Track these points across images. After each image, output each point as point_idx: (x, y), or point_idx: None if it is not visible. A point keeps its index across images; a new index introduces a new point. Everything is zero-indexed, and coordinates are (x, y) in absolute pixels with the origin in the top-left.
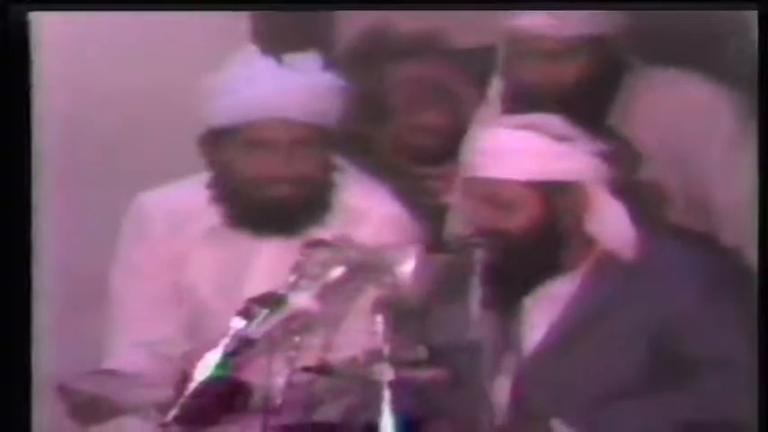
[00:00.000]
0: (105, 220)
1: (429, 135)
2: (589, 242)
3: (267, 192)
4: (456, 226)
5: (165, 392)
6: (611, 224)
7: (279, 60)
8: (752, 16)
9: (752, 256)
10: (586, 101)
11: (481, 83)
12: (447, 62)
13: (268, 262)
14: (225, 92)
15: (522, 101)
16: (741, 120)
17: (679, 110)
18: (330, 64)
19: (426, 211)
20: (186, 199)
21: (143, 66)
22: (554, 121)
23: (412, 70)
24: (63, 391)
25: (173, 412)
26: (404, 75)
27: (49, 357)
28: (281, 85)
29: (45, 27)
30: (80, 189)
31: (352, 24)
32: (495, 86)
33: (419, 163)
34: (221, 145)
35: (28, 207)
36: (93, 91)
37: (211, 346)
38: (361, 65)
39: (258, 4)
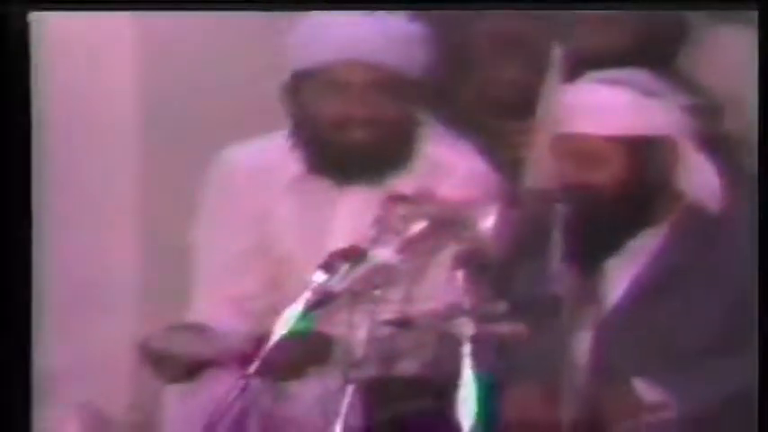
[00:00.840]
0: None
1: (511, 89)
2: (676, 196)
3: (344, 135)
4: (536, 180)
5: (248, 347)
6: (699, 177)
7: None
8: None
9: None
10: (648, 62)
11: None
12: (529, 18)
13: (350, 214)
14: (305, 37)
15: (583, 64)
16: None
17: (739, 65)
18: (416, 15)
19: (508, 165)
20: (269, 153)
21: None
22: (641, 76)
23: (496, 24)
24: (145, 349)
25: (254, 366)
26: (488, 28)
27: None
28: (359, 30)
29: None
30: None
31: None
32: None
33: (500, 117)
34: (300, 90)
35: (28, 207)
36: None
37: (294, 299)
38: (446, 17)
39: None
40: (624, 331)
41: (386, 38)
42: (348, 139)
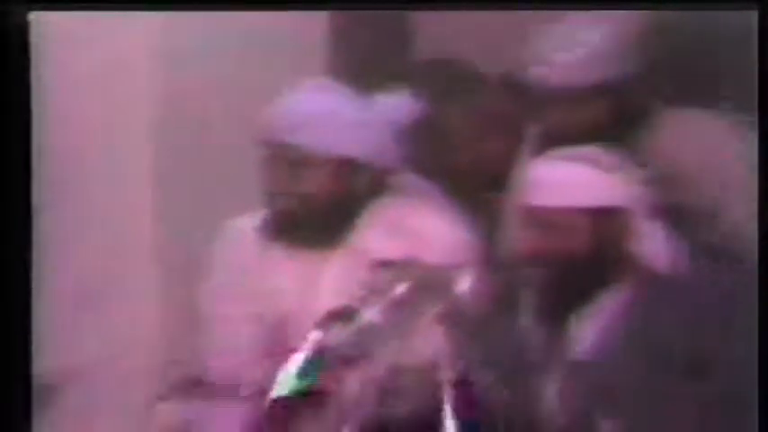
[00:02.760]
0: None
1: (490, 163)
2: (631, 260)
3: (311, 207)
4: (509, 247)
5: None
6: (651, 245)
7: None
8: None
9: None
10: (608, 141)
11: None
12: (509, 97)
13: (335, 277)
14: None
15: (553, 140)
16: (742, 149)
17: (698, 150)
18: (415, 98)
19: (486, 232)
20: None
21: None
22: (599, 153)
23: (480, 103)
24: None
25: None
26: (473, 107)
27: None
28: (337, 112)
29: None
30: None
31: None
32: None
33: (481, 189)
34: (271, 167)
35: (28, 207)
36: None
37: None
38: (435, 97)
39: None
40: (590, 380)
41: (363, 117)
42: (298, 212)
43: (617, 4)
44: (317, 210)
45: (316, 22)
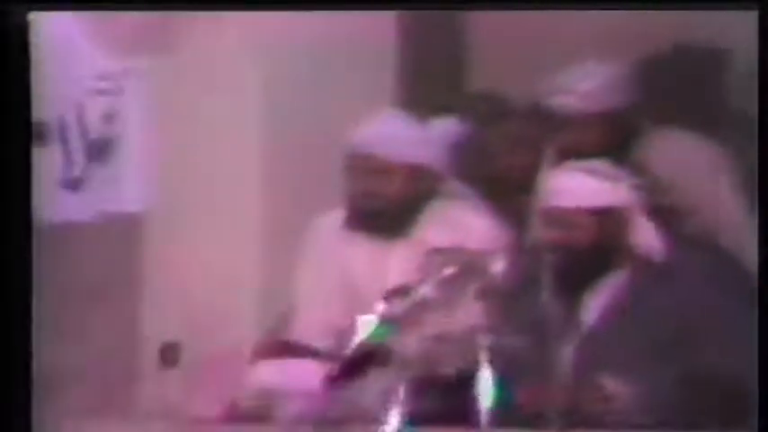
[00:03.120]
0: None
1: (519, 173)
2: (630, 250)
3: (384, 206)
4: (534, 238)
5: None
6: (644, 238)
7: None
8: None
9: (749, 258)
10: (611, 155)
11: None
12: (535, 121)
13: (400, 261)
14: (364, 134)
15: (568, 155)
16: (718, 162)
17: (681, 161)
18: (459, 125)
19: (516, 227)
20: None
21: None
22: (604, 166)
23: (513, 127)
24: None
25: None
26: (507, 130)
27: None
28: (384, 133)
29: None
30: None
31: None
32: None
33: (512, 193)
34: (351, 172)
35: (28, 207)
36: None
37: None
38: (482, 124)
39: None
40: (597, 344)
41: (421, 138)
42: (374, 209)
43: (618, 5)
44: (390, 208)
45: (387, 60)
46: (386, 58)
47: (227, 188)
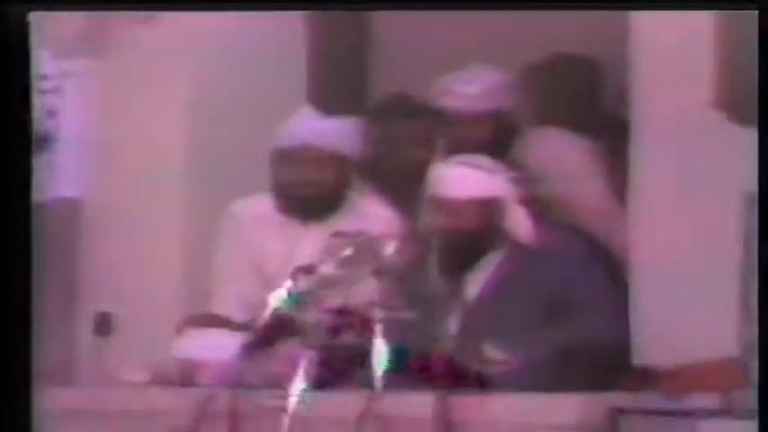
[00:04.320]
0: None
1: (415, 166)
2: (505, 234)
3: (302, 192)
4: (425, 223)
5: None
6: (518, 224)
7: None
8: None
9: (616, 242)
10: (493, 149)
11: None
12: (428, 119)
13: (311, 243)
14: (284, 129)
15: (455, 150)
16: (589, 156)
17: (554, 156)
18: (363, 121)
19: (409, 213)
20: (262, 206)
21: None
22: (484, 160)
23: (410, 124)
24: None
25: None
26: (406, 128)
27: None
28: (316, 128)
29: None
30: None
31: (381, 91)
32: (441, 142)
33: (408, 183)
34: (278, 163)
35: (27, 207)
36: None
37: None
38: (383, 121)
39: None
40: (479, 316)
41: (332, 132)
42: (306, 195)
43: (615, 4)
44: (317, 195)
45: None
46: (299, 61)
47: (156, 176)
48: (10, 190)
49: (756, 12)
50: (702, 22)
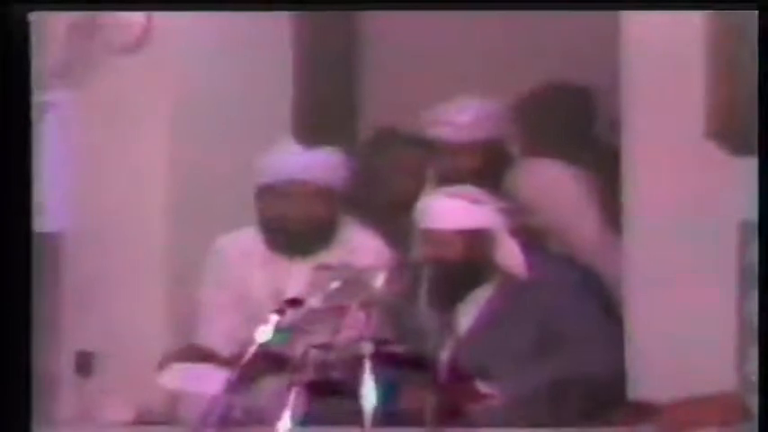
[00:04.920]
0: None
1: (403, 196)
2: (497, 266)
3: (288, 227)
4: (414, 255)
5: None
6: (509, 256)
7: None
8: None
9: (610, 273)
10: (485, 180)
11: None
12: (417, 149)
13: (297, 277)
14: (268, 163)
15: (445, 180)
16: (582, 187)
17: (547, 186)
18: (351, 152)
19: (400, 244)
20: (247, 240)
21: None
22: (473, 190)
23: (399, 155)
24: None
25: (237, 370)
26: (397, 160)
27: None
28: (301, 161)
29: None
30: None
31: (371, 122)
32: (431, 172)
33: (397, 214)
34: (263, 198)
35: (28, 207)
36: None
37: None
38: (372, 152)
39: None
40: (470, 350)
41: (319, 165)
42: (295, 230)
43: (614, 4)
44: (305, 229)
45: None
46: (285, 90)
47: (138, 209)
48: (8, 191)
49: (756, 12)
50: (697, 44)
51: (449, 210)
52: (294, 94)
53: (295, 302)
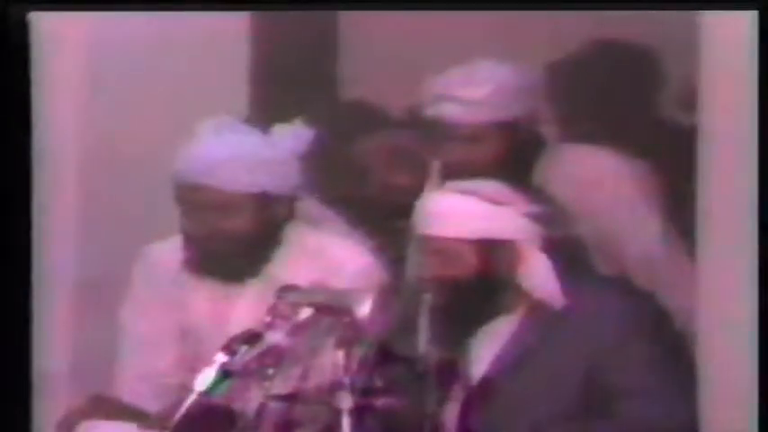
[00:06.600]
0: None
1: (399, 194)
2: (522, 290)
3: (212, 244)
4: (412, 273)
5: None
6: (539, 277)
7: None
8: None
9: (663, 298)
10: (508, 173)
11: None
12: (414, 132)
13: (248, 304)
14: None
15: (454, 173)
16: (642, 184)
17: (592, 182)
18: (319, 134)
19: (391, 258)
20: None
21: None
22: (491, 187)
23: (386, 139)
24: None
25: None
26: (380, 143)
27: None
28: (220, 154)
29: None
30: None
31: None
32: (435, 163)
33: (390, 218)
34: (184, 205)
35: (28, 207)
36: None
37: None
38: (345, 134)
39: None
40: (487, 401)
41: (261, 160)
42: (214, 250)
43: (614, 4)
44: (237, 245)
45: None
46: (235, 59)
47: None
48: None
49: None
50: None
51: (458, 212)
52: (252, 57)
53: (248, 338)
